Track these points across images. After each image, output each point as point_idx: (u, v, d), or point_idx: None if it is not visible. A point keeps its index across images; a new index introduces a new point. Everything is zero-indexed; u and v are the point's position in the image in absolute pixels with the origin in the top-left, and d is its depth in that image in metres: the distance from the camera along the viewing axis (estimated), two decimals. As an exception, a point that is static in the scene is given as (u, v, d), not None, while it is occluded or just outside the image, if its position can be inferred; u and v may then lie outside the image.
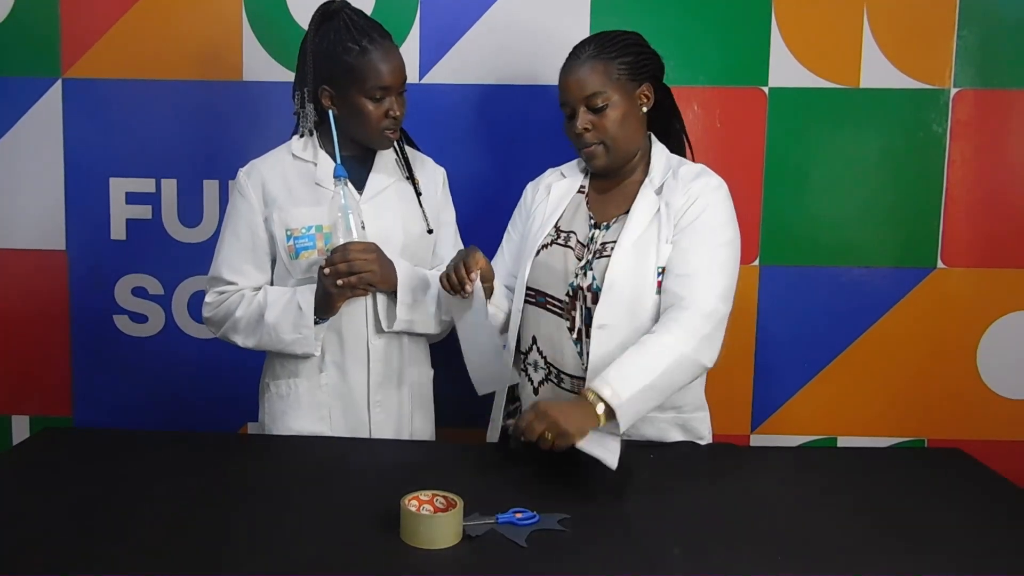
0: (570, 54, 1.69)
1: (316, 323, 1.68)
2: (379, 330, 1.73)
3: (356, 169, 1.74)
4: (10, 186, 2.22)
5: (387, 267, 1.67)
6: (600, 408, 1.46)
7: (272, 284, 1.76)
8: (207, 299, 1.76)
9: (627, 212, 1.66)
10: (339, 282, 1.60)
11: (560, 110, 1.70)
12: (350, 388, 1.74)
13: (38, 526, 1.26)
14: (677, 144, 1.79)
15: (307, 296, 1.67)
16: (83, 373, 2.28)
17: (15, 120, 2.20)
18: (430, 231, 1.80)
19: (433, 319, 1.75)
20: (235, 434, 2.20)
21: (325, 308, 1.67)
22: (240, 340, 1.74)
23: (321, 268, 1.62)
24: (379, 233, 1.69)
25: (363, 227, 1.64)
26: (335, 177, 1.62)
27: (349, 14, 1.67)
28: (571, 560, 1.18)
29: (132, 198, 2.21)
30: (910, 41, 2.13)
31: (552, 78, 1.71)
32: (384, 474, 1.49)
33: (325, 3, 1.70)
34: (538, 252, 1.71)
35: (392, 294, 1.70)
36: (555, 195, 1.76)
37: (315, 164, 1.73)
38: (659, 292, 1.61)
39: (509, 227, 1.86)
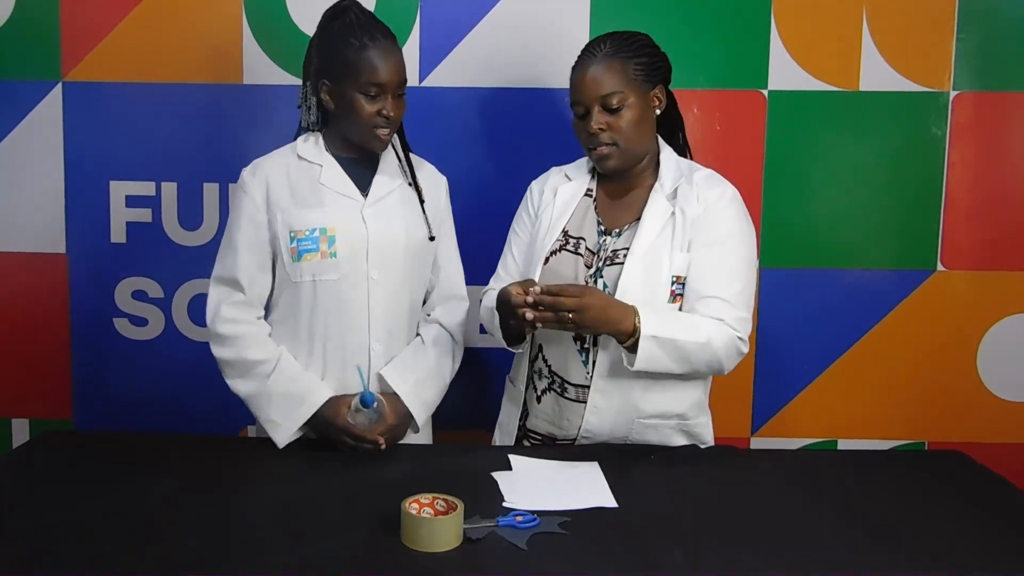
0: (584, 52, 1.66)
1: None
2: (379, 337, 1.72)
3: (360, 172, 1.74)
4: (10, 189, 2.22)
5: (401, 430, 1.72)
6: (632, 324, 1.51)
7: (273, 285, 1.74)
8: (225, 313, 1.69)
9: (638, 219, 1.64)
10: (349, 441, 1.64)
11: (560, 112, 1.69)
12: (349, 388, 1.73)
13: (38, 528, 1.26)
14: (678, 150, 1.77)
15: (310, 413, 1.66)
16: (83, 376, 2.27)
17: (15, 123, 2.20)
18: (432, 238, 1.78)
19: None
20: (235, 437, 2.20)
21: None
22: (230, 379, 1.72)
23: (343, 438, 1.64)
24: (383, 238, 1.70)
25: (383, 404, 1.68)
26: (363, 404, 1.64)
27: (357, 13, 1.68)
28: (571, 562, 1.18)
29: (132, 201, 2.21)
30: (909, 44, 2.13)
31: (552, 81, 1.71)
32: (385, 477, 1.49)
33: (336, 3, 1.71)
34: (547, 259, 1.68)
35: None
36: (562, 198, 1.73)
37: (320, 166, 1.73)
38: (672, 300, 1.60)
39: (515, 226, 1.81)
